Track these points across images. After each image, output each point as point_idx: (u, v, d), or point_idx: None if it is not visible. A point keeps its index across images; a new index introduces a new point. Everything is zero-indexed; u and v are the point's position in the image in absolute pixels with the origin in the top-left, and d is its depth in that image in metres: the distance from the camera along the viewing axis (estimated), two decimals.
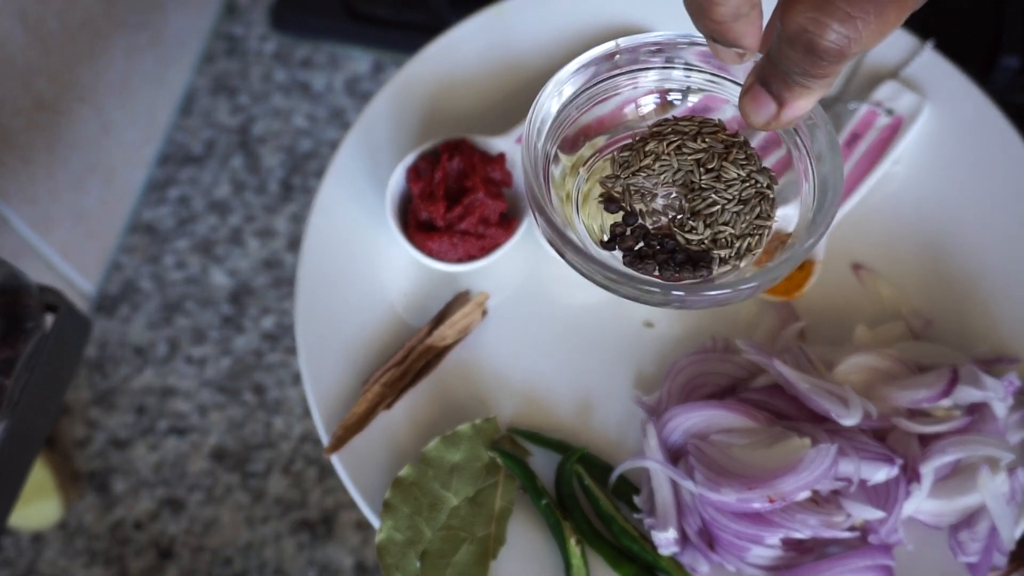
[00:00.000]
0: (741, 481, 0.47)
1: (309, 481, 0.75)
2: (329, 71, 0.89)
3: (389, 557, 0.48)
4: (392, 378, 0.51)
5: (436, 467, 0.50)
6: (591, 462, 0.50)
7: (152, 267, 0.82)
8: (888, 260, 0.56)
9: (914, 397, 0.49)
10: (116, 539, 0.74)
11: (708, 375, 0.53)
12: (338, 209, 0.53)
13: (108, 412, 0.78)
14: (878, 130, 0.56)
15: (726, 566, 0.49)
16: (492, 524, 0.49)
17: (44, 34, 0.67)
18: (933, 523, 0.49)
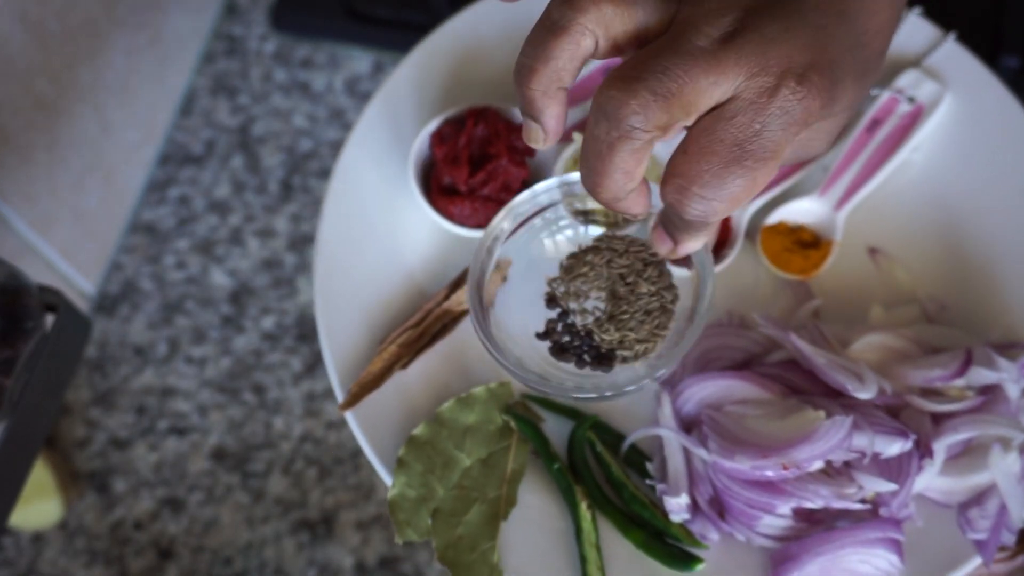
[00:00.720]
0: (755, 449, 0.47)
1: (309, 481, 0.75)
2: (329, 71, 0.89)
3: (401, 513, 0.49)
4: (409, 339, 0.52)
5: (450, 428, 0.50)
6: (603, 429, 0.51)
7: (152, 267, 0.82)
8: (904, 245, 0.56)
9: (928, 376, 0.49)
10: (116, 539, 0.74)
11: (723, 348, 0.53)
12: (359, 174, 0.54)
13: (108, 412, 0.78)
14: (898, 117, 0.57)
15: (736, 535, 0.49)
16: (503, 486, 0.50)
17: (44, 34, 0.67)
18: (943, 500, 0.49)
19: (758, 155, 0.35)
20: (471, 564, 0.48)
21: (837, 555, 0.48)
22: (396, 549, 0.73)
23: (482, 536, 0.49)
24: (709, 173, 0.35)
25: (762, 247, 0.56)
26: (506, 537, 0.49)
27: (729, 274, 0.56)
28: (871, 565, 0.48)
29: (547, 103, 0.39)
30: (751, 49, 0.34)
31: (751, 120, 0.35)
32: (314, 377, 0.78)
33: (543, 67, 0.37)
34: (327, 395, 0.78)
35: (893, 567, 0.48)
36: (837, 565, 0.48)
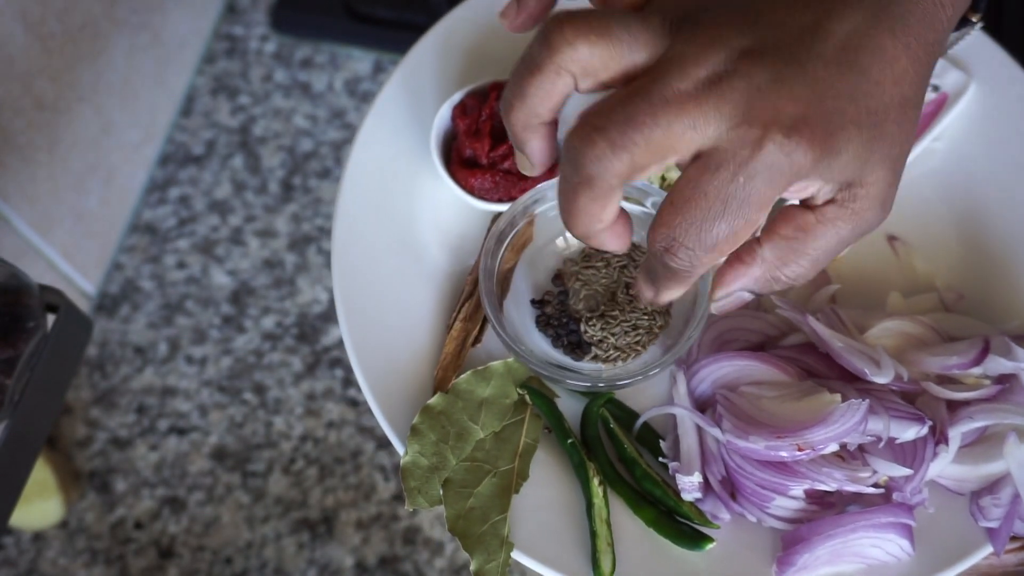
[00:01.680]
0: (769, 430, 0.47)
1: (309, 481, 0.75)
2: (329, 71, 0.89)
3: (412, 480, 0.49)
4: (469, 311, 0.53)
5: (465, 399, 0.51)
6: (617, 407, 0.51)
7: (153, 267, 0.82)
8: (924, 235, 0.56)
9: (945, 363, 0.49)
10: (117, 539, 0.74)
11: (739, 331, 0.53)
12: (379, 146, 0.54)
13: (109, 412, 0.78)
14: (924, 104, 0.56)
15: (747, 516, 0.49)
16: (516, 459, 0.50)
17: (45, 35, 0.67)
18: (955, 488, 0.49)
19: (741, 210, 0.35)
20: (481, 535, 0.49)
21: (848, 538, 0.47)
22: (396, 549, 0.73)
23: (493, 508, 0.49)
24: (693, 226, 0.35)
25: None
26: (517, 510, 0.49)
27: None
28: (882, 549, 0.48)
29: (528, 137, 0.39)
30: (736, 97, 0.33)
31: (735, 173, 0.34)
32: (314, 377, 0.78)
33: (520, 104, 0.38)
34: (327, 395, 0.78)
35: (904, 552, 0.48)
36: (848, 548, 0.48)
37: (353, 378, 0.78)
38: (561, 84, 0.37)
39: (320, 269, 0.82)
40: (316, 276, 0.81)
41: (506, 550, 0.48)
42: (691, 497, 0.49)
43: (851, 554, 0.48)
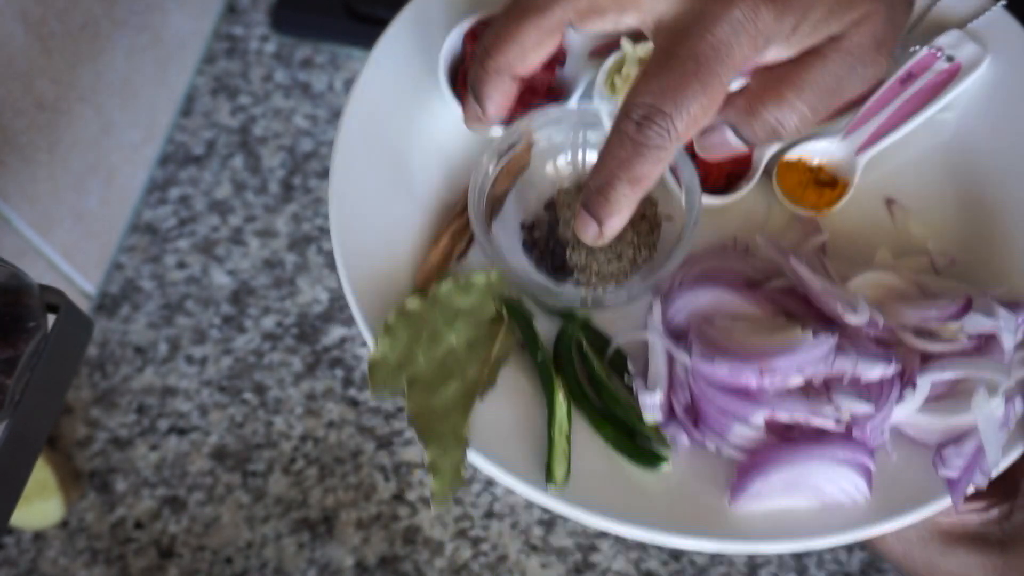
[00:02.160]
0: (736, 356, 0.47)
1: (309, 481, 0.75)
2: (329, 71, 0.89)
3: (379, 374, 0.50)
4: (459, 227, 0.53)
5: (443, 307, 0.52)
6: (592, 333, 0.52)
7: (153, 267, 0.82)
8: (922, 201, 0.56)
9: (924, 315, 0.49)
10: (117, 538, 0.74)
11: (723, 270, 0.53)
12: (387, 67, 0.55)
13: (109, 412, 0.78)
14: (934, 73, 0.57)
15: (707, 444, 0.49)
16: (485, 369, 0.50)
17: (45, 35, 0.67)
18: (920, 439, 0.49)
19: (713, 68, 0.35)
20: (440, 434, 0.49)
21: (803, 469, 0.47)
22: (396, 549, 0.73)
23: (455, 410, 0.50)
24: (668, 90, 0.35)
25: (778, 179, 0.56)
26: (479, 415, 0.49)
27: (742, 205, 0.57)
28: (837, 486, 0.48)
29: (494, 88, 0.39)
30: None
31: (703, 33, 0.35)
32: (315, 377, 0.78)
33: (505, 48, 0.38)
34: (327, 395, 0.78)
35: (859, 492, 0.48)
36: (802, 480, 0.47)
37: (353, 377, 0.78)
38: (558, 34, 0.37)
39: (320, 269, 0.82)
40: (316, 276, 0.81)
41: (462, 448, 0.49)
42: (652, 418, 0.49)
43: (806, 486, 0.48)
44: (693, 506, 0.48)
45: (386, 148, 0.54)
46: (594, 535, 0.73)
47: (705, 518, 0.48)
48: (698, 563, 0.72)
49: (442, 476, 0.48)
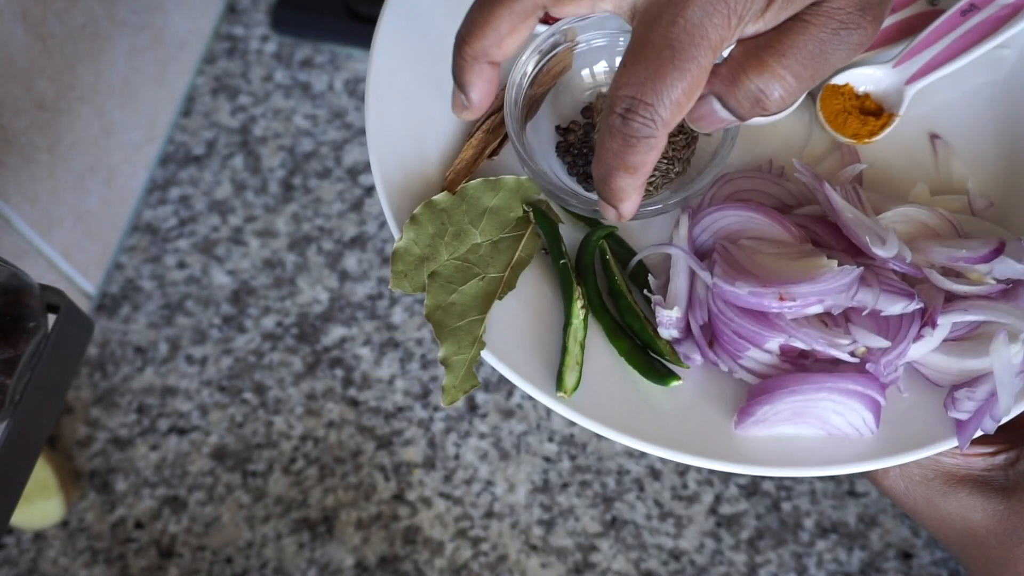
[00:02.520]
0: (757, 279, 0.46)
1: (309, 481, 0.75)
2: (329, 71, 0.89)
3: (401, 264, 0.51)
4: (493, 124, 0.53)
5: (471, 204, 0.52)
6: (617, 242, 0.52)
7: (153, 267, 0.82)
8: (968, 140, 0.55)
9: (954, 255, 0.48)
10: (117, 538, 0.74)
11: (755, 192, 0.53)
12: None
13: (109, 412, 0.78)
14: (998, 7, 0.55)
15: (720, 365, 0.49)
16: (507, 270, 0.50)
17: (45, 34, 0.67)
18: (935, 379, 0.49)
19: (689, 53, 0.35)
20: (456, 330, 0.49)
21: (812, 398, 0.47)
22: (396, 549, 0.73)
23: (473, 308, 0.50)
24: (649, 79, 0.35)
25: (821, 104, 0.55)
26: (496, 316, 0.49)
27: (783, 129, 0.56)
28: (844, 418, 0.47)
29: (474, 76, 0.39)
30: None
31: (675, 17, 0.35)
32: (315, 377, 0.78)
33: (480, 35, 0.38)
34: (327, 395, 0.78)
35: (866, 426, 0.47)
36: (810, 409, 0.47)
37: (353, 377, 0.78)
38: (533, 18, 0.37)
39: (320, 269, 0.82)
40: (316, 276, 0.81)
41: (477, 347, 0.49)
42: (668, 334, 0.49)
43: (813, 416, 0.47)
44: (700, 425, 0.48)
45: (424, 43, 0.53)
46: (594, 535, 0.73)
47: (711, 438, 0.47)
48: (698, 563, 0.72)
49: (454, 373, 0.48)
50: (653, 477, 0.75)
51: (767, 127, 0.54)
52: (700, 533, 0.73)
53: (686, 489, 0.74)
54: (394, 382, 0.78)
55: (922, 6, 0.57)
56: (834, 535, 0.73)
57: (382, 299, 0.81)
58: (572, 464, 0.75)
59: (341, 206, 0.84)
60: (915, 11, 0.56)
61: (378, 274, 0.81)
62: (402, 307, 0.80)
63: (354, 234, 0.83)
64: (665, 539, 0.73)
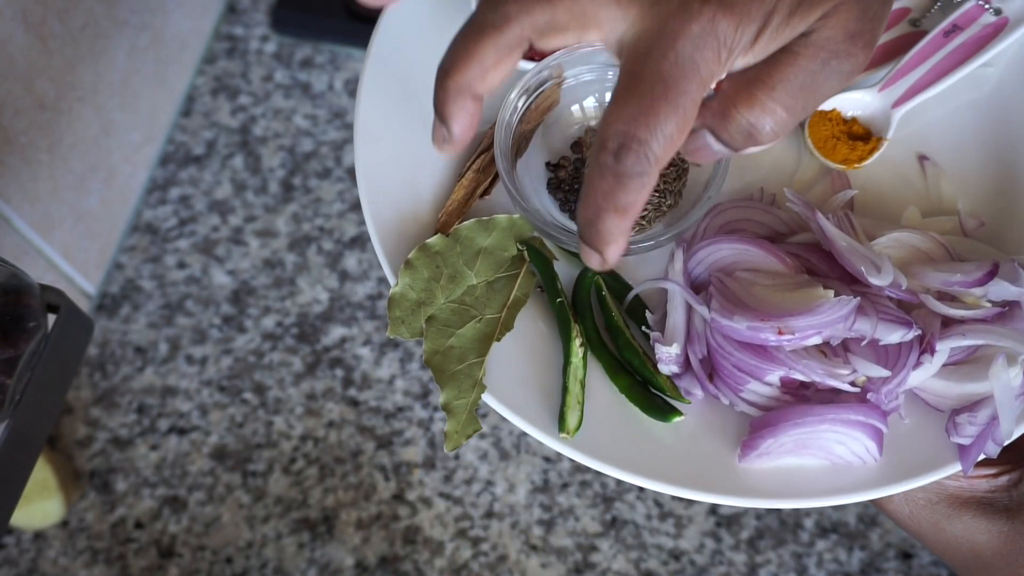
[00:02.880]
0: (755, 313, 0.46)
1: (309, 481, 0.75)
2: (329, 71, 0.89)
3: (398, 310, 0.50)
4: (483, 164, 0.53)
5: (464, 245, 0.52)
6: (612, 278, 0.52)
7: (153, 267, 0.82)
8: (956, 160, 0.55)
9: (948, 279, 0.48)
10: (117, 538, 0.74)
11: (748, 222, 0.53)
12: (413, 5, 0.55)
13: (109, 411, 0.78)
14: (980, 26, 0.55)
15: (721, 398, 0.49)
16: (504, 310, 0.50)
17: (45, 34, 0.67)
18: (935, 404, 0.49)
19: (679, 86, 0.34)
20: (455, 374, 0.49)
21: (816, 429, 0.46)
22: (396, 549, 0.73)
23: (472, 351, 0.50)
24: (640, 115, 0.34)
25: (809, 131, 0.55)
26: (495, 358, 0.49)
27: (772, 157, 0.56)
28: (848, 448, 0.47)
29: (456, 109, 0.38)
30: None
31: (665, 51, 0.34)
32: (315, 377, 0.78)
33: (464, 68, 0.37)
34: (327, 395, 0.78)
35: (870, 455, 0.47)
36: (814, 440, 0.47)
37: (353, 377, 0.78)
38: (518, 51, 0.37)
39: (320, 269, 0.82)
40: (316, 276, 0.82)
41: (477, 391, 0.49)
42: (668, 370, 0.49)
43: (816, 447, 0.47)
44: (703, 459, 0.48)
45: (411, 84, 0.53)
46: (594, 535, 0.73)
47: (714, 472, 0.47)
48: (698, 563, 0.72)
49: (456, 418, 0.48)
50: None
51: (757, 156, 0.54)
52: (700, 533, 0.73)
53: None
54: (394, 382, 0.78)
55: (904, 28, 0.57)
56: (834, 535, 0.73)
57: (382, 299, 0.81)
58: (572, 464, 0.75)
59: (341, 206, 0.84)
60: (898, 33, 0.56)
61: (378, 274, 0.81)
62: None
63: (354, 234, 0.83)
64: (665, 539, 0.73)
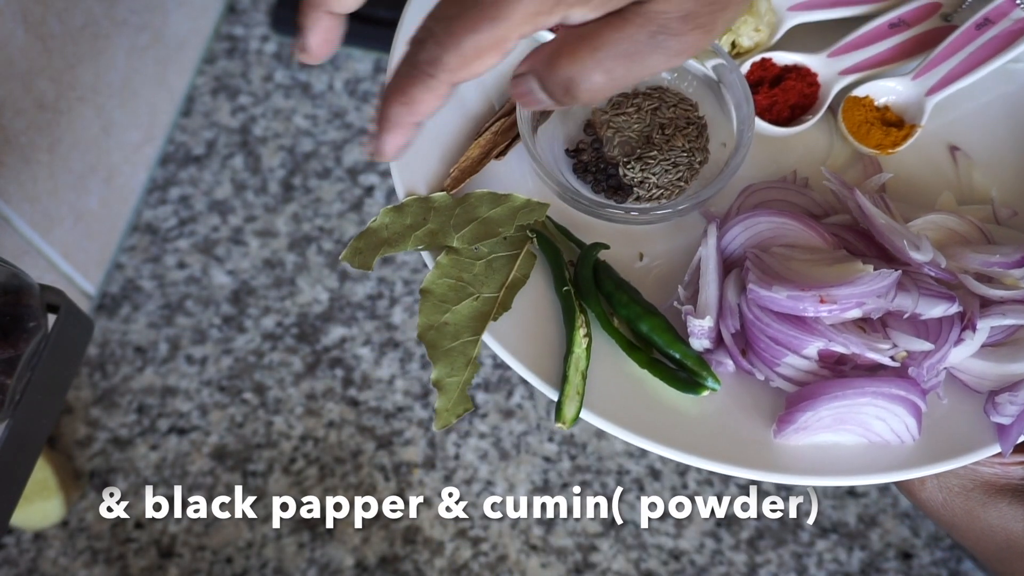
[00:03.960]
0: (795, 284, 0.45)
1: (309, 481, 0.75)
2: (329, 71, 0.89)
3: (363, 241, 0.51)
4: (503, 127, 0.53)
5: (464, 209, 0.51)
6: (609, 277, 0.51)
7: (153, 267, 0.82)
8: (987, 151, 0.55)
9: (987, 260, 0.48)
10: (117, 538, 0.74)
11: (781, 202, 0.52)
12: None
13: (109, 411, 0.78)
14: (1011, 21, 0.56)
15: (756, 374, 0.48)
16: (502, 290, 0.50)
17: (45, 35, 0.67)
18: (974, 385, 0.48)
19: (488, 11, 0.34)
20: (449, 351, 0.49)
21: (855, 403, 0.45)
22: (396, 549, 0.73)
23: (467, 329, 0.49)
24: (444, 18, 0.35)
25: (843, 116, 0.56)
26: (492, 337, 0.49)
27: (805, 141, 0.56)
28: (887, 424, 0.46)
29: (312, 22, 0.39)
30: None
31: None
32: (315, 377, 0.78)
33: None
34: (327, 395, 0.78)
35: (908, 433, 0.47)
36: (852, 415, 0.46)
37: (354, 377, 0.78)
38: None
39: (320, 269, 0.82)
40: (316, 276, 0.82)
41: (471, 369, 0.48)
42: (700, 344, 0.48)
43: (854, 422, 0.46)
44: (735, 434, 0.47)
45: None
46: (594, 535, 0.73)
47: (748, 448, 0.47)
48: (698, 563, 0.72)
49: (448, 395, 0.47)
50: (653, 477, 0.75)
51: (789, 139, 0.55)
52: (700, 533, 0.73)
53: (686, 489, 0.74)
54: (394, 382, 0.78)
55: (936, 22, 0.58)
56: (834, 535, 0.73)
57: (382, 299, 0.81)
58: (572, 464, 0.75)
59: (341, 206, 0.84)
60: (930, 27, 0.58)
61: (378, 274, 0.81)
62: (402, 307, 0.80)
63: (354, 234, 0.83)
64: (665, 539, 0.73)
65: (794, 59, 0.57)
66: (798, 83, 0.56)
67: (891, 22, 0.57)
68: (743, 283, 0.47)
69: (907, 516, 0.73)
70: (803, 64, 0.57)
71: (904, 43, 0.57)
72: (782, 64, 0.57)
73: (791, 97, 0.56)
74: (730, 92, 0.53)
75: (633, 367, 0.48)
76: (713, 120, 0.54)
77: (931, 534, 0.72)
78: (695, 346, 0.47)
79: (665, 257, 0.52)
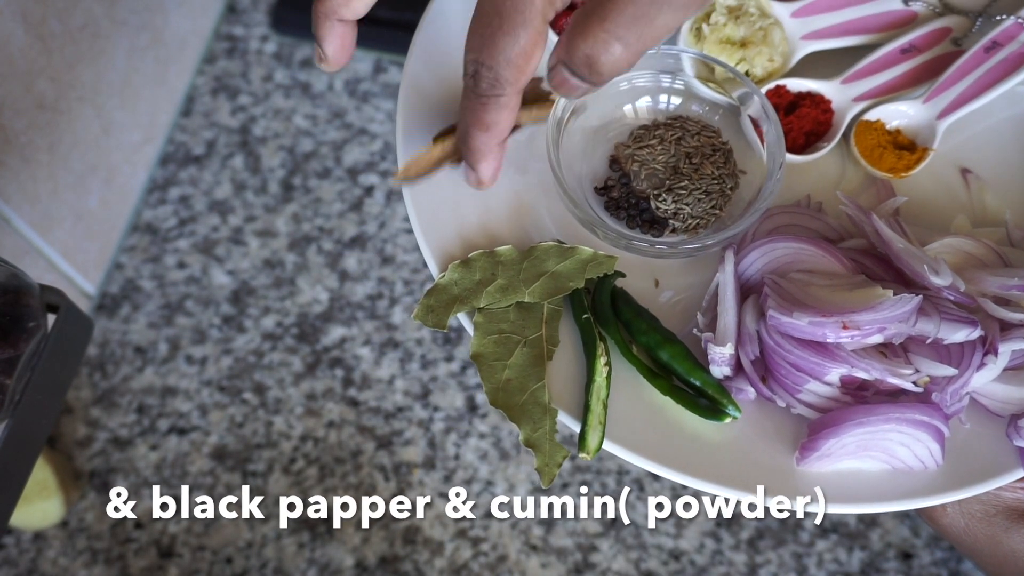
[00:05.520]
0: (816, 310, 0.45)
1: (309, 481, 0.75)
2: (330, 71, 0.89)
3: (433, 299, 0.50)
4: None
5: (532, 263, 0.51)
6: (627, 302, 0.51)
7: (153, 267, 0.82)
8: (998, 174, 0.56)
9: (1006, 283, 0.48)
10: (117, 538, 0.74)
11: (796, 227, 0.52)
12: None
13: (109, 412, 0.78)
14: (1019, 44, 0.56)
15: (776, 401, 0.47)
16: (543, 326, 0.50)
17: (45, 34, 0.67)
18: (996, 410, 0.48)
19: (514, 17, 0.37)
20: (523, 405, 0.48)
21: (879, 429, 0.45)
22: (396, 549, 0.73)
23: (529, 377, 0.49)
24: (487, 44, 0.38)
25: (855, 140, 0.56)
26: (553, 377, 0.48)
27: (818, 166, 0.56)
28: (910, 450, 0.46)
29: (326, 31, 0.42)
30: None
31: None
32: (315, 377, 0.78)
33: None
34: (327, 395, 0.78)
35: (933, 458, 0.46)
36: (876, 441, 0.45)
37: (354, 377, 0.78)
38: None
39: (320, 269, 0.82)
40: (316, 276, 0.82)
41: (550, 417, 0.48)
42: (720, 372, 0.48)
43: (878, 448, 0.46)
44: (756, 461, 0.47)
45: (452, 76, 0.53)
46: (594, 535, 0.73)
47: (769, 474, 0.47)
48: (698, 563, 0.72)
49: (541, 451, 0.47)
50: (653, 477, 0.75)
51: (802, 165, 0.55)
52: (700, 533, 0.73)
53: (686, 489, 0.74)
54: (394, 382, 0.78)
55: (947, 47, 0.58)
56: (834, 535, 0.73)
57: (382, 299, 0.81)
58: (572, 464, 0.75)
59: (341, 206, 0.84)
60: (941, 51, 0.58)
61: (378, 274, 0.81)
62: (402, 307, 0.80)
63: (354, 234, 0.83)
64: (665, 539, 0.73)
65: (808, 86, 0.57)
66: (812, 110, 0.56)
67: (902, 48, 0.57)
68: (762, 309, 0.47)
69: (907, 516, 0.73)
70: (817, 91, 0.57)
71: (916, 68, 0.57)
72: (796, 91, 0.57)
73: (806, 124, 0.56)
74: (756, 116, 0.53)
75: (653, 395, 0.48)
76: (734, 147, 0.54)
77: (931, 534, 0.72)
78: (715, 373, 0.47)
79: (682, 284, 0.52)
